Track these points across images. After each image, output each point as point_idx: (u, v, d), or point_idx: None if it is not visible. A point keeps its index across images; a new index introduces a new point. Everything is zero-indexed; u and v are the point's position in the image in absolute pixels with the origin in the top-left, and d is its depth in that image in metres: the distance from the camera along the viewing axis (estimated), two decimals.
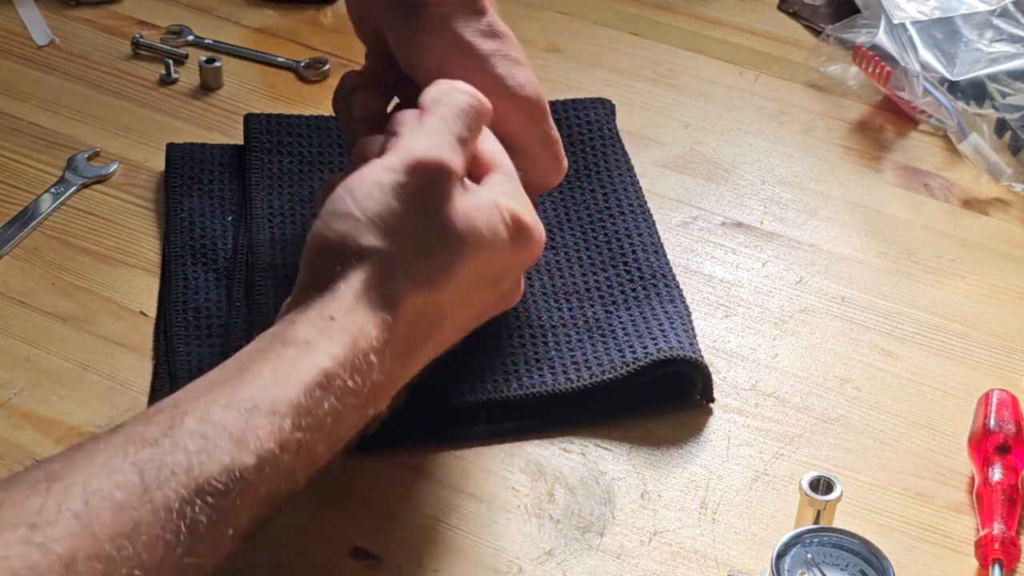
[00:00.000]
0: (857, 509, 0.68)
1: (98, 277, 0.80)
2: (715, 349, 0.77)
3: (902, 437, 0.72)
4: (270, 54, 1.00)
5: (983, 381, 0.75)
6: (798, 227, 0.87)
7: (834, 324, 0.80)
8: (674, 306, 0.76)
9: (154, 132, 0.92)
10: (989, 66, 0.95)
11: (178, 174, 0.86)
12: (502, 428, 0.71)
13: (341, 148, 0.87)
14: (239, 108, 0.94)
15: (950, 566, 0.66)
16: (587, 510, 0.68)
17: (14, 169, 0.88)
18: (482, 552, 0.65)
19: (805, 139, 0.95)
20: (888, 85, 0.95)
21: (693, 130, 0.95)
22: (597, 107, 0.91)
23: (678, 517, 0.68)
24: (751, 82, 1.01)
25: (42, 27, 1.02)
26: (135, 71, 0.98)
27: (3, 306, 0.78)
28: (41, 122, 0.93)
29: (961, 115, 0.92)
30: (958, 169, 0.93)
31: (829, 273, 0.83)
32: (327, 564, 0.64)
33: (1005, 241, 0.87)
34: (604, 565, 0.65)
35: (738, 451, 0.71)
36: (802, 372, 0.76)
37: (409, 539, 0.66)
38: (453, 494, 0.68)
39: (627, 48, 1.04)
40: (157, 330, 0.76)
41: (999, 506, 0.65)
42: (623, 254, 0.80)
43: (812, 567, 0.59)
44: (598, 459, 0.70)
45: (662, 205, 0.88)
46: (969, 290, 0.83)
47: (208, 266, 0.79)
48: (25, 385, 0.73)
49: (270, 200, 0.83)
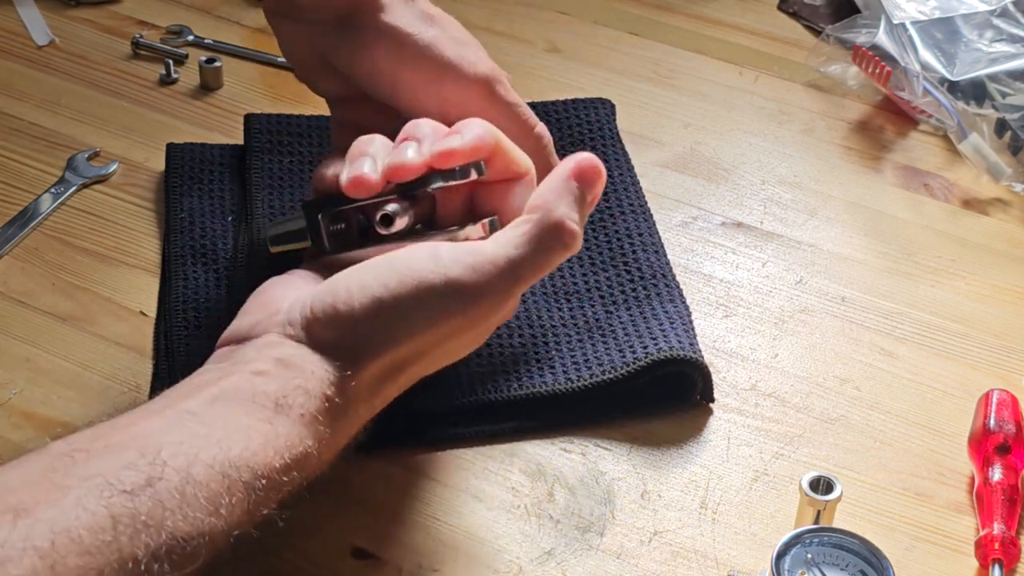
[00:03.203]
0: (857, 509, 0.68)
1: (98, 277, 0.80)
2: (715, 349, 0.77)
3: (902, 437, 0.73)
4: (270, 54, 1.00)
5: (983, 381, 0.75)
6: (798, 227, 0.87)
7: (834, 324, 0.80)
8: (674, 306, 0.76)
9: (154, 132, 0.92)
10: (989, 66, 0.95)
11: (178, 174, 0.86)
12: (502, 428, 0.71)
13: None
14: (239, 108, 0.94)
15: (950, 566, 0.66)
16: (587, 510, 0.68)
17: (14, 169, 0.88)
18: (482, 552, 0.65)
19: (805, 139, 0.95)
20: (888, 85, 0.95)
21: (693, 130, 0.95)
22: (597, 107, 0.91)
23: (678, 517, 0.68)
24: (751, 82, 1.01)
25: (42, 27, 1.02)
26: (135, 71, 0.98)
27: (3, 306, 0.78)
28: (41, 122, 0.93)
29: (961, 115, 0.92)
30: (958, 169, 0.93)
31: (829, 273, 0.83)
32: (327, 564, 0.64)
33: (1005, 241, 0.87)
34: (604, 565, 0.65)
35: (738, 451, 0.71)
36: (802, 372, 0.76)
37: (409, 539, 0.66)
38: (453, 494, 0.68)
39: (627, 48, 1.04)
40: (157, 330, 0.76)
41: (999, 506, 0.65)
42: (623, 254, 0.80)
43: (812, 567, 0.59)
44: (598, 459, 0.70)
45: (662, 205, 0.88)
46: (969, 290, 0.83)
47: (208, 266, 0.79)
48: (25, 385, 0.73)
49: (270, 200, 0.83)
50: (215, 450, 0.53)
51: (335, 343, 0.59)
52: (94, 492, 0.49)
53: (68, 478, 0.49)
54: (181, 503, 0.50)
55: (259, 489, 0.53)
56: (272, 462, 0.54)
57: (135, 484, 0.50)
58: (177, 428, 0.54)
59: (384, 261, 0.61)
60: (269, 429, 0.55)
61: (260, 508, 0.54)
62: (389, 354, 0.59)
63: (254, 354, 0.59)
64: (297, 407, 0.57)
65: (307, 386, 0.57)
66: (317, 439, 0.57)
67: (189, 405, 0.55)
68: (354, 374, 0.59)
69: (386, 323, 0.59)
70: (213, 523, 0.51)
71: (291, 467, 0.55)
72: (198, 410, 0.55)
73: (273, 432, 0.55)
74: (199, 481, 0.51)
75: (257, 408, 0.56)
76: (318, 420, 0.57)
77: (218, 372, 0.58)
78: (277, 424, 0.56)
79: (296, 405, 0.57)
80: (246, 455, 0.53)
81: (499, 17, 0.72)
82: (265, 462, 0.54)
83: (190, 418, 0.54)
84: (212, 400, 0.55)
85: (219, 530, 0.51)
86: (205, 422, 0.54)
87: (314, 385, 0.58)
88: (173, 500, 0.50)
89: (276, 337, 0.60)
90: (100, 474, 0.49)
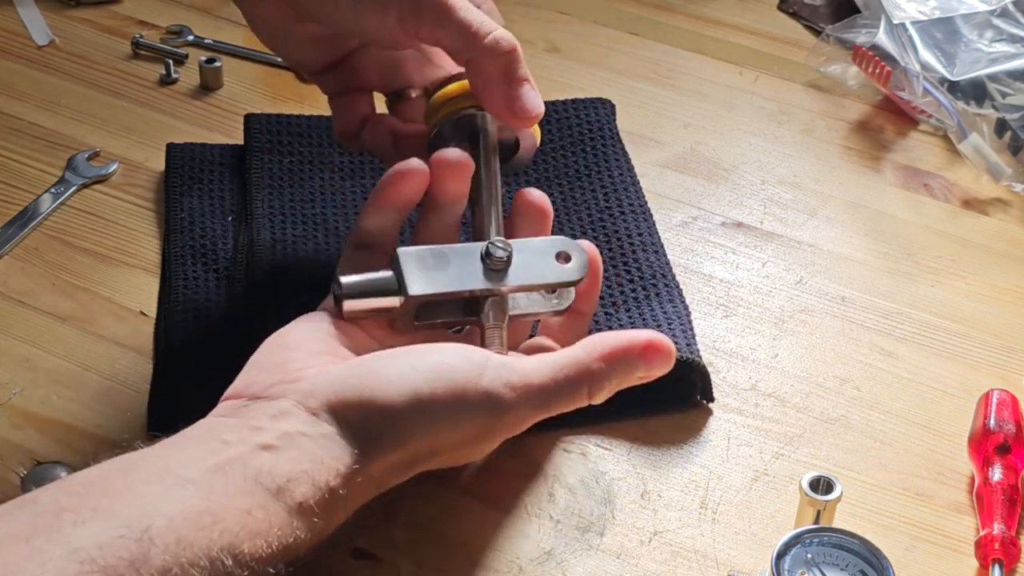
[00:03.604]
0: (857, 509, 0.68)
1: (98, 277, 0.80)
2: (715, 349, 0.77)
3: (902, 437, 0.72)
4: (270, 54, 1.00)
5: (983, 381, 0.75)
6: (798, 227, 0.87)
7: (834, 324, 0.80)
8: (673, 306, 0.76)
9: (154, 132, 0.92)
10: (989, 66, 0.95)
11: (178, 174, 0.86)
12: None
13: (341, 148, 0.87)
14: (239, 108, 0.94)
15: (950, 566, 0.66)
16: (587, 510, 0.68)
17: (14, 169, 0.88)
18: (482, 552, 0.65)
19: (805, 139, 0.95)
20: (888, 85, 0.95)
21: (693, 130, 0.95)
22: (597, 107, 0.91)
23: (678, 517, 0.68)
24: (751, 82, 1.01)
25: (42, 27, 1.02)
26: (135, 71, 0.98)
27: (3, 306, 0.78)
28: (41, 122, 0.93)
29: (961, 115, 0.92)
30: (958, 169, 0.93)
31: (829, 273, 0.83)
32: (327, 564, 0.64)
33: (1005, 241, 0.87)
34: (604, 565, 0.65)
35: (738, 451, 0.71)
36: (802, 372, 0.76)
37: (409, 539, 0.66)
38: (453, 494, 0.68)
39: (627, 48, 1.04)
40: (157, 330, 0.76)
41: (999, 506, 0.65)
42: (623, 254, 0.80)
43: (812, 567, 0.59)
44: (598, 459, 0.70)
45: (662, 205, 0.88)
46: (969, 290, 0.83)
47: (208, 266, 0.79)
48: (25, 385, 0.73)
49: (270, 200, 0.83)
50: (205, 533, 0.51)
51: (359, 429, 0.57)
52: (74, 566, 0.47)
53: (51, 544, 0.48)
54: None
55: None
56: (259, 552, 0.52)
57: (118, 564, 0.48)
58: (171, 499, 0.51)
59: (426, 354, 0.60)
60: (264, 517, 0.53)
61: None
62: (408, 450, 0.59)
63: (265, 422, 0.56)
64: (298, 496, 0.54)
65: (314, 474, 0.55)
66: (309, 529, 0.55)
67: (189, 473, 0.53)
68: (366, 466, 0.57)
69: (417, 420, 0.58)
70: None
71: (277, 557, 0.53)
72: (197, 479, 0.53)
73: (267, 521, 0.53)
74: (182, 564, 0.49)
75: (259, 490, 0.54)
76: (314, 511, 0.55)
77: (223, 434, 0.56)
78: (273, 512, 0.53)
79: (298, 494, 0.54)
80: (235, 541, 0.51)
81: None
82: (252, 552, 0.52)
83: (188, 488, 0.52)
84: (213, 471, 0.53)
85: None
86: (202, 495, 0.52)
87: (321, 475, 0.55)
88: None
89: (292, 406, 0.57)
90: (84, 548, 0.48)
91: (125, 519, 0.49)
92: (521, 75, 0.67)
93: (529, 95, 0.67)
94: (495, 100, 0.67)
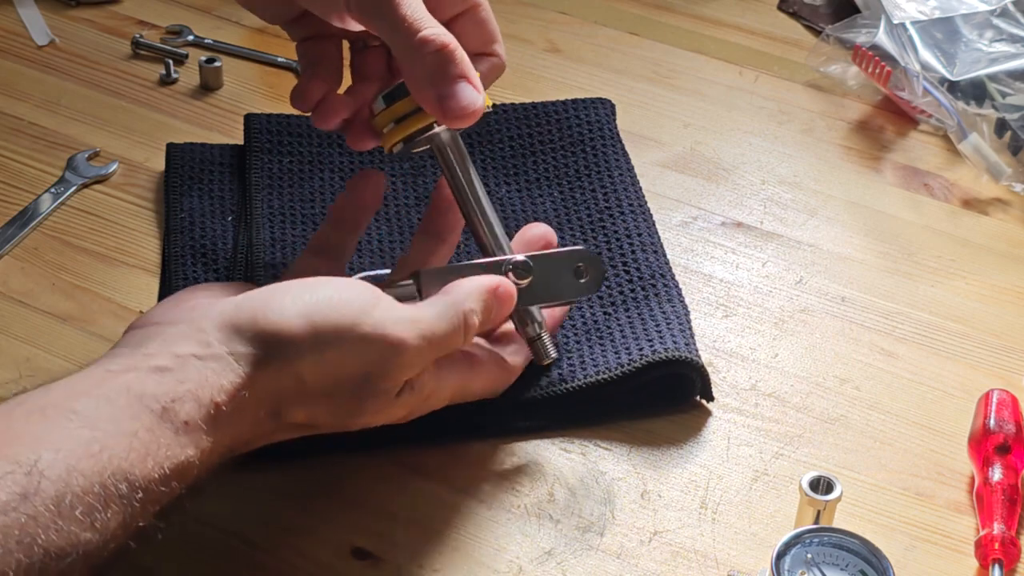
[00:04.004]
0: (857, 509, 0.68)
1: (98, 277, 0.80)
2: (715, 349, 0.77)
3: (902, 437, 0.73)
4: (270, 54, 1.00)
5: (983, 381, 0.75)
6: (798, 227, 0.87)
7: (834, 324, 0.80)
8: (672, 306, 0.76)
9: (154, 132, 0.92)
10: (989, 66, 0.95)
11: (178, 174, 0.86)
12: (502, 428, 0.71)
13: (341, 148, 0.87)
14: (239, 108, 0.94)
15: (950, 566, 0.66)
16: (587, 510, 0.68)
17: (14, 169, 0.88)
18: (482, 552, 0.65)
19: (805, 139, 0.95)
20: (888, 85, 0.95)
21: (693, 130, 0.95)
22: (597, 107, 0.91)
23: (678, 517, 0.68)
24: (751, 82, 1.01)
25: (42, 27, 1.02)
26: (135, 71, 0.98)
27: (3, 306, 0.78)
28: (41, 122, 0.93)
29: (961, 115, 0.92)
30: (958, 169, 0.93)
31: (829, 273, 0.83)
32: (327, 564, 0.64)
33: (1005, 241, 0.87)
34: (604, 565, 0.65)
35: (738, 451, 0.71)
36: (802, 372, 0.76)
37: (409, 539, 0.66)
38: (453, 494, 0.68)
39: (627, 48, 1.04)
40: None
41: (999, 506, 0.65)
42: (623, 254, 0.80)
43: (812, 567, 0.59)
44: (598, 459, 0.70)
45: (662, 205, 0.88)
46: (969, 290, 0.83)
47: (208, 266, 0.79)
48: (25, 385, 0.72)
49: (270, 200, 0.83)
50: (94, 460, 0.52)
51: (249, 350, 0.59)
52: None
53: None
54: (56, 517, 0.49)
55: (136, 501, 0.53)
56: (151, 473, 0.53)
57: (9, 498, 0.49)
58: (59, 432, 0.52)
59: (321, 286, 0.62)
60: (151, 439, 0.54)
61: (136, 520, 0.53)
62: (295, 375, 0.59)
63: (158, 348, 0.58)
64: (183, 414, 0.56)
65: (199, 392, 0.57)
66: (198, 448, 0.56)
67: (76, 405, 0.54)
68: (250, 383, 0.58)
69: (305, 343, 0.59)
70: (88, 538, 0.50)
71: (170, 477, 0.54)
72: (80, 409, 0.54)
73: (155, 442, 0.54)
74: (76, 493, 0.50)
75: (144, 412, 0.55)
76: (202, 428, 0.56)
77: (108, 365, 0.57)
78: (159, 433, 0.55)
79: (183, 412, 0.56)
80: (125, 465, 0.52)
81: (499, 17, 0.72)
82: (144, 473, 0.53)
83: (74, 420, 0.53)
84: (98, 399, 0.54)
85: (95, 544, 0.51)
86: (88, 424, 0.53)
87: (206, 393, 0.57)
88: (48, 514, 0.49)
89: (186, 330, 0.59)
90: None
91: (12, 456, 0.50)
92: (456, 73, 0.65)
93: (464, 92, 0.65)
94: (427, 101, 0.66)
